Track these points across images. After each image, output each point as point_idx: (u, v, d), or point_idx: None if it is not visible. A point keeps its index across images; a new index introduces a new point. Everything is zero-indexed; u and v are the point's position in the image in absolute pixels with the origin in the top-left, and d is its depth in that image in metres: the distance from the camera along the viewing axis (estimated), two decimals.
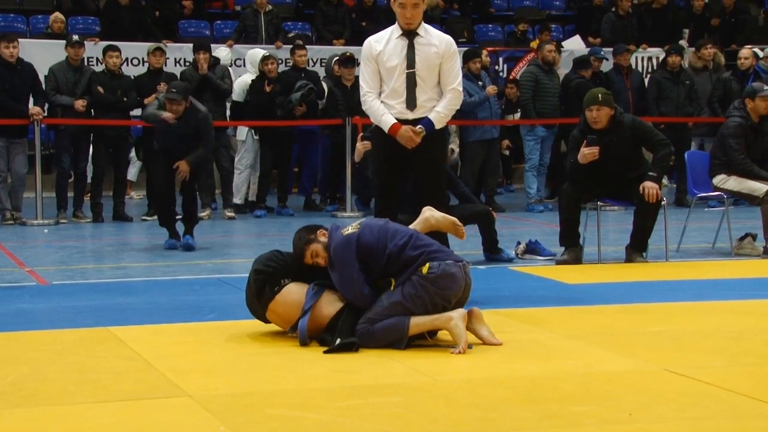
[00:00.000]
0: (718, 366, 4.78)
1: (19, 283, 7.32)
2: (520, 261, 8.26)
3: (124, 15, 13.47)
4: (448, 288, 5.03)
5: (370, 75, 6.21)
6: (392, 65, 6.13)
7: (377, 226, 5.20)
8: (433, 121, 6.17)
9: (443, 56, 6.19)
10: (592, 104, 7.82)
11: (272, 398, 4.22)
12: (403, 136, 6.09)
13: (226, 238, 10.22)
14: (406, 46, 6.14)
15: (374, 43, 6.21)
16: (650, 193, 7.72)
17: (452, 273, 5.03)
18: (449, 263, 5.04)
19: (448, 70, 6.22)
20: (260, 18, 13.77)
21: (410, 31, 6.15)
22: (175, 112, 8.80)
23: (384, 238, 5.11)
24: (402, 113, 6.16)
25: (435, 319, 5.00)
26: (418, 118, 6.17)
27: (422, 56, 6.14)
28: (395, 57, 6.14)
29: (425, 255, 5.05)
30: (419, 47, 6.15)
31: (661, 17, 15.07)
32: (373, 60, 6.18)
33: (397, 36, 6.18)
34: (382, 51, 6.16)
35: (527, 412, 4.04)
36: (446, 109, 6.22)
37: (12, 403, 4.14)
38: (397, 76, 6.14)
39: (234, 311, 5.86)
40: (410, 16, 6.09)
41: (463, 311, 5.02)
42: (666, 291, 6.86)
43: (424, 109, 6.18)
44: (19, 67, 10.65)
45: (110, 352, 5.03)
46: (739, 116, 8.66)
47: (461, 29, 15.47)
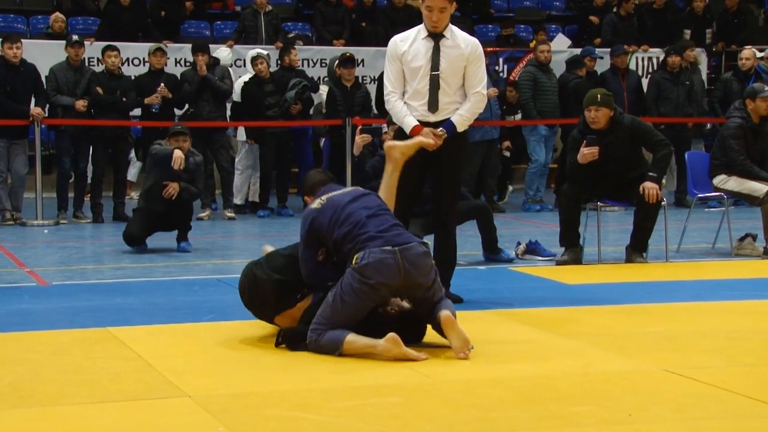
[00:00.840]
0: (717, 366, 4.78)
1: (18, 283, 7.31)
2: (520, 261, 8.26)
3: (125, 15, 13.47)
4: (373, 277, 4.84)
5: (394, 75, 6.14)
6: (416, 66, 6.07)
7: (336, 207, 5.11)
8: (456, 124, 6.10)
9: (468, 59, 6.12)
10: (591, 104, 7.82)
11: (271, 399, 4.22)
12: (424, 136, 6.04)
13: (225, 238, 10.22)
14: (431, 48, 6.07)
15: (399, 43, 6.14)
16: (650, 193, 7.72)
17: (379, 260, 4.85)
18: (375, 251, 4.86)
19: (473, 74, 6.15)
20: (260, 18, 13.77)
21: (436, 33, 6.10)
22: (182, 150, 8.78)
23: (335, 223, 5.05)
24: (424, 115, 6.10)
25: (372, 346, 4.82)
26: (439, 120, 6.11)
27: (447, 59, 6.07)
28: (420, 58, 6.07)
29: (358, 244, 4.94)
30: (445, 50, 6.09)
31: (662, 18, 15.06)
32: (397, 59, 6.12)
33: (423, 37, 6.11)
34: (406, 51, 6.09)
35: (526, 412, 4.03)
36: (469, 112, 6.16)
37: (10, 404, 4.14)
38: (421, 77, 6.07)
39: (233, 312, 5.85)
40: (436, 20, 6.03)
41: (392, 335, 4.78)
42: (666, 291, 6.87)
43: (446, 112, 6.11)
44: (22, 68, 10.66)
45: (109, 352, 5.02)
46: (739, 117, 8.66)
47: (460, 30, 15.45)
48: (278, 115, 11.50)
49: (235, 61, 12.90)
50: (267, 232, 10.58)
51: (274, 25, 13.87)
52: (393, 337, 4.80)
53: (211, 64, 11.51)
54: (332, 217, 5.08)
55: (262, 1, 13.71)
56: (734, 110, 8.83)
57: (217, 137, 11.46)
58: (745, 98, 8.75)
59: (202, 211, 11.17)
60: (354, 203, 5.16)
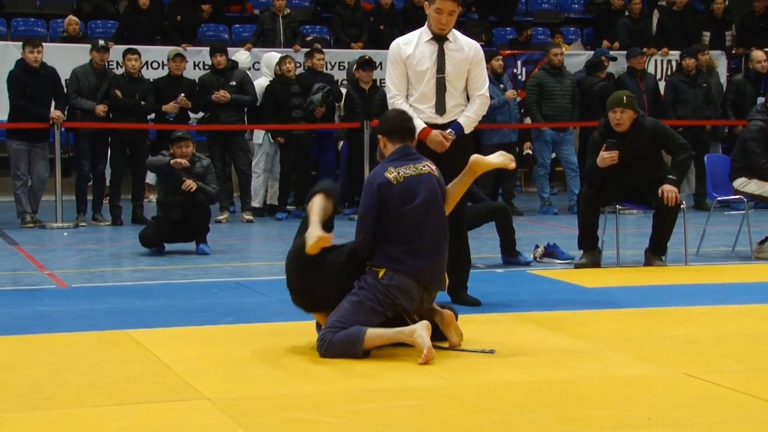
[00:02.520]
0: (737, 370, 4.75)
1: (38, 285, 7.35)
2: (538, 264, 8.24)
3: (143, 19, 13.52)
4: (397, 297, 5.00)
5: (398, 78, 6.17)
6: (422, 69, 6.11)
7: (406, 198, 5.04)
8: (463, 126, 6.16)
9: (472, 62, 6.18)
10: (617, 106, 7.79)
11: (289, 401, 4.23)
12: (434, 140, 6.06)
13: (244, 241, 10.24)
14: (436, 51, 6.11)
15: (403, 46, 6.18)
16: (669, 196, 7.69)
17: (404, 286, 4.99)
18: (404, 279, 4.99)
19: (477, 76, 6.21)
20: (278, 21, 13.79)
21: (441, 36, 6.13)
22: (184, 155, 8.81)
23: (396, 214, 5.03)
24: (431, 118, 6.14)
25: (398, 332, 4.91)
26: (447, 122, 6.15)
27: (452, 62, 6.12)
28: (426, 61, 6.11)
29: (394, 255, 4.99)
30: (449, 52, 6.13)
31: (681, 20, 14.99)
32: (401, 63, 6.15)
33: (426, 40, 6.15)
34: (411, 54, 6.13)
35: (544, 416, 4.02)
36: (475, 114, 6.22)
37: (30, 406, 4.16)
38: (427, 80, 6.11)
39: (251, 314, 5.87)
40: (445, 23, 6.07)
41: (426, 323, 4.94)
42: (685, 295, 6.84)
43: (452, 114, 6.17)
44: (42, 72, 10.71)
45: (128, 354, 5.04)
46: (761, 120, 8.61)
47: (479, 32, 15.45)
48: (301, 118, 11.53)
49: (253, 64, 12.92)
50: (285, 234, 10.59)
51: (293, 28, 13.90)
52: (426, 324, 4.91)
53: (229, 67, 11.53)
54: (396, 208, 5.03)
55: (281, 4, 13.75)
56: (755, 113, 8.78)
57: (235, 140, 11.48)
58: (766, 101, 8.70)
59: (221, 214, 11.20)
60: (425, 211, 5.07)
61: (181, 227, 8.89)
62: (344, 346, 4.89)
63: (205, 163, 9.15)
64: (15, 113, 10.67)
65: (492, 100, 11.69)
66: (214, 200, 9.20)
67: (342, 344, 4.90)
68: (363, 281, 5.03)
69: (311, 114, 11.53)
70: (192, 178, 8.82)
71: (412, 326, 4.91)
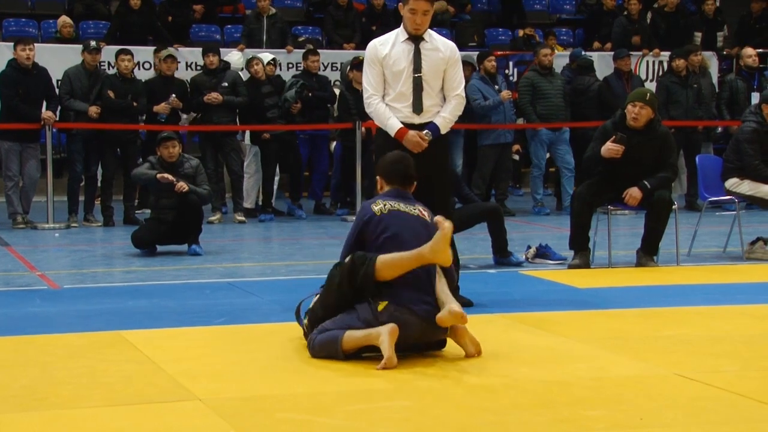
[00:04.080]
0: (730, 370, 4.76)
1: (30, 286, 7.34)
2: (530, 265, 8.25)
3: (135, 19, 13.49)
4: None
5: (375, 78, 6.17)
6: (399, 69, 6.11)
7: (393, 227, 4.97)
8: (439, 126, 6.15)
9: (448, 62, 6.18)
10: (639, 100, 7.79)
11: (282, 402, 4.23)
12: (410, 141, 6.06)
13: (236, 242, 10.23)
14: (412, 51, 6.12)
15: (379, 46, 6.19)
16: (630, 196, 7.73)
17: (403, 321, 4.81)
18: (404, 311, 4.82)
19: (453, 76, 6.21)
20: (263, 22, 13.72)
21: (417, 36, 6.14)
22: (171, 156, 8.79)
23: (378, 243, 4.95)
24: (408, 117, 6.14)
25: (367, 334, 4.82)
26: (423, 122, 6.15)
27: (429, 61, 6.13)
28: (402, 60, 6.11)
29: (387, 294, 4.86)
30: (425, 52, 6.14)
31: (674, 22, 15.03)
32: (378, 63, 6.15)
33: (403, 40, 6.16)
34: (388, 54, 6.13)
35: (538, 416, 4.03)
36: (451, 114, 6.21)
37: (23, 407, 4.15)
38: (404, 80, 6.12)
39: (244, 315, 5.86)
40: (420, 23, 6.08)
41: (392, 326, 4.74)
42: (677, 295, 6.85)
43: (429, 114, 6.16)
44: (35, 72, 10.69)
45: (121, 355, 5.03)
46: (754, 121, 8.62)
47: (471, 33, 15.48)
48: (278, 117, 11.51)
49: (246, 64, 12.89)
50: (278, 235, 10.60)
51: (279, 28, 13.80)
52: (391, 327, 4.75)
53: (221, 67, 11.52)
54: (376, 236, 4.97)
55: (264, 4, 13.64)
56: (749, 114, 8.80)
57: (227, 141, 11.47)
58: (761, 103, 8.71)
59: (213, 215, 11.19)
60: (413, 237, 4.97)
61: (173, 229, 8.88)
62: (326, 349, 4.90)
63: (194, 163, 9.13)
64: (6, 113, 10.65)
65: (486, 100, 11.85)
66: (206, 201, 9.18)
67: (323, 347, 4.91)
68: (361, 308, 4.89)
69: (288, 112, 11.50)
70: (182, 179, 8.81)
71: (378, 329, 4.79)
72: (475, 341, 4.99)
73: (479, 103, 11.83)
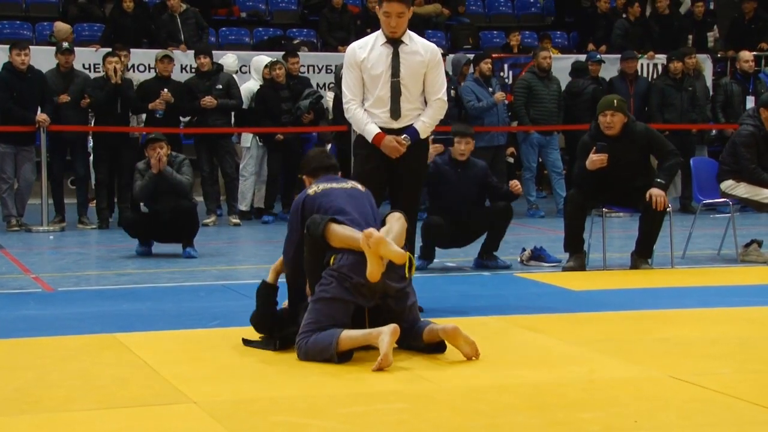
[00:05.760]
0: (724, 373, 4.77)
1: (24, 289, 7.33)
2: (525, 267, 8.25)
3: (128, 23, 13.46)
4: (352, 276, 4.88)
5: (354, 82, 6.09)
6: (377, 73, 6.02)
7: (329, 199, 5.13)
8: (419, 131, 6.08)
9: (428, 65, 6.08)
10: (608, 109, 7.82)
11: (277, 404, 4.22)
12: (387, 146, 5.99)
13: (231, 244, 10.22)
14: (390, 54, 6.03)
15: (358, 50, 6.10)
16: (658, 201, 7.72)
17: (356, 260, 4.88)
18: (360, 260, 4.88)
19: (434, 80, 6.11)
20: (177, 21, 13.53)
21: (395, 39, 6.06)
22: (159, 156, 8.78)
23: (320, 209, 5.09)
24: (387, 122, 6.06)
25: (367, 333, 4.86)
26: (402, 127, 6.08)
27: (407, 65, 6.03)
28: (380, 65, 6.02)
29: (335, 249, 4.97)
30: (404, 56, 6.04)
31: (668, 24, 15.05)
32: (356, 67, 6.07)
33: (382, 43, 6.07)
34: (366, 58, 6.04)
35: (532, 418, 4.03)
36: (431, 119, 6.13)
37: (17, 410, 4.15)
38: (382, 84, 6.03)
39: (239, 318, 5.85)
40: (395, 25, 5.99)
41: (394, 326, 4.81)
42: (671, 298, 6.85)
43: (408, 118, 6.08)
44: (29, 75, 10.69)
45: (115, 358, 5.03)
46: (752, 125, 8.62)
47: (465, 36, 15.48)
48: (289, 122, 11.53)
49: (240, 67, 12.89)
50: (273, 238, 10.58)
51: (192, 23, 13.58)
52: (393, 328, 4.79)
53: (215, 70, 11.51)
54: (320, 208, 5.11)
55: (173, 3, 13.40)
56: (747, 117, 8.80)
57: (222, 143, 11.47)
58: (759, 107, 8.71)
59: (208, 217, 11.19)
60: (349, 203, 5.15)
61: (168, 229, 8.88)
62: (319, 350, 4.88)
63: (179, 159, 9.14)
64: (1, 116, 10.63)
65: (480, 102, 11.86)
66: (183, 188, 9.00)
67: (317, 348, 4.89)
68: (322, 278, 4.99)
69: (299, 119, 11.53)
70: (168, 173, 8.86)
71: (380, 329, 4.83)
72: (469, 341, 4.97)
73: (473, 104, 11.84)
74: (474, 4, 17.20)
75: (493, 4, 17.33)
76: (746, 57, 13.14)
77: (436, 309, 6.09)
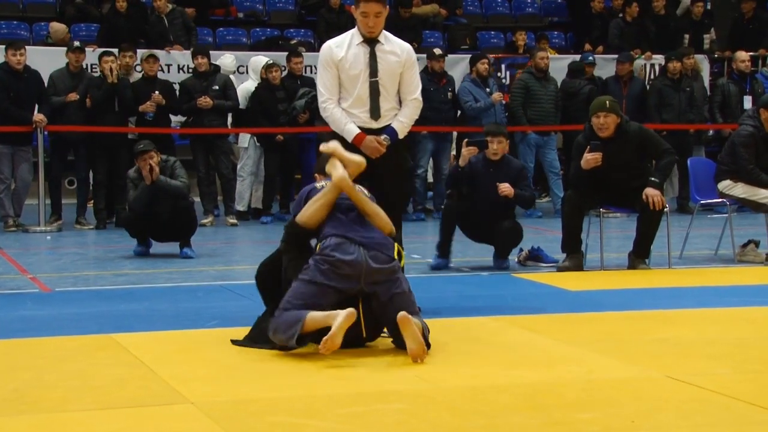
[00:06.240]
0: (721, 373, 4.77)
1: (21, 290, 7.32)
2: (522, 268, 8.25)
3: (122, 23, 13.42)
4: (335, 257, 4.99)
5: (330, 81, 6.04)
6: (355, 73, 5.99)
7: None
8: (397, 131, 6.06)
9: (404, 65, 6.07)
10: (600, 111, 7.82)
11: (275, 405, 4.22)
12: (368, 146, 5.96)
13: (228, 245, 10.22)
14: (368, 54, 6.00)
15: (335, 49, 6.06)
16: (654, 200, 7.72)
17: (340, 243, 5.02)
18: (344, 241, 5.05)
19: (409, 79, 6.10)
20: (164, 21, 13.54)
21: (372, 38, 6.03)
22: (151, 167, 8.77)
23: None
24: (366, 122, 6.03)
25: (328, 315, 4.93)
26: (381, 127, 6.05)
27: (384, 64, 6.01)
28: (358, 64, 5.99)
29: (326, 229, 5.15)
30: (381, 55, 6.02)
31: (664, 24, 15.05)
32: (333, 66, 6.03)
33: (358, 43, 6.04)
34: (344, 57, 6.01)
35: (530, 419, 4.03)
36: (408, 119, 6.11)
37: (14, 410, 4.14)
38: (361, 84, 6.00)
39: (236, 318, 5.86)
40: (372, 25, 5.97)
41: (351, 311, 4.86)
42: (669, 298, 6.86)
43: (386, 118, 6.06)
44: (26, 75, 10.68)
45: (112, 359, 5.02)
46: (751, 125, 8.62)
47: (463, 36, 15.48)
48: (286, 123, 11.53)
49: (238, 68, 12.88)
50: (270, 238, 10.57)
51: (179, 23, 13.57)
52: (350, 312, 4.85)
53: (211, 71, 11.51)
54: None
55: (159, 4, 13.39)
56: (747, 118, 8.80)
57: (218, 144, 11.47)
58: (759, 107, 8.71)
59: (205, 218, 11.18)
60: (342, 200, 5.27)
61: (166, 228, 8.87)
62: (283, 329, 4.96)
63: (170, 162, 9.09)
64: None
65: (478, 103, 11.86)
66: (181, 193, 8.99)
67: (283, 326, 4.97)
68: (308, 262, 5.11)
69: (294, 119, 11.53)
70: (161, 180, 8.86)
71: (338, 311, 4.89)
72: (418, 339, 4.90)
73: (470, 105, 11.84)
74: (471, 5, 17.21)
75: (491, 4, 17.34)
76: (742, 57, 13.17)
77: (434, 309, 6.08)
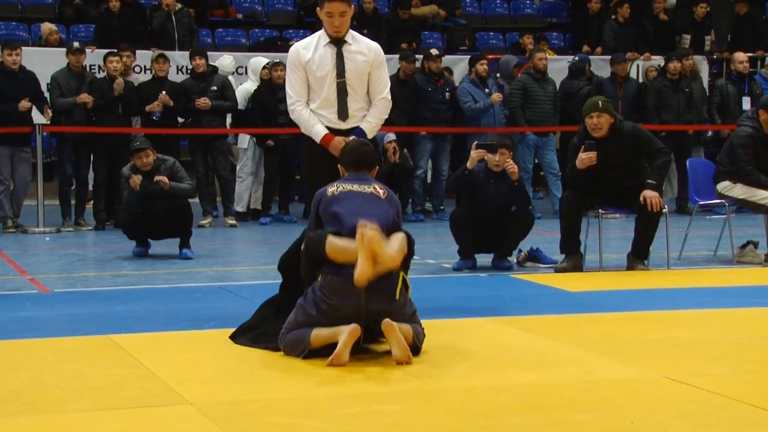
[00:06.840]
0: (720, 374, 4.77)
1: (20, 290, 7.32)
2: (521, 269, 8.25)
3: (115, 23, 13.41)
4: (332, 298, 4.93)
5: (298, 83, 6.03)
6: (322, 74, 5.97)
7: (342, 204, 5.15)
8: (366, 131, 6.03)
9: (372, 64, 6.04)
10: (593, 111, 7.83)
11: (273, 406, 4.22)
12: (336, 147, 5.90)
13: (227, 245, 10.22)
14: (335, 55, 5.97)
15: (302, 50, 6.04)
16: (653, 202, 7.73)
17: (335, 286, 4.93)
18: (344, 274, 4.89)
19: (377, 79, 6.07)
20: (172, 20, 13.55)
21: (338, 39, 6.00)
22: (145, 165, 8.77)
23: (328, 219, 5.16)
24: (334, 123, 6.01)
25: (333, 331, 4.91)
26: (350, 128, 6.03)
27: (352, 65, 5.99)
28: (325, 66, 5.97)
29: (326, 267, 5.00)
30: (348, 55, 5.99)
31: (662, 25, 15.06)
32: (301, 67, 6.01)
33: (325, 44, 6.01)
34: (311, 59, 5.98)
35: (528, 419, 4.03)
36: (377, 119, 6.08)
37: (12, 411, 4.14)
38: (328, 85, 5.98)
39: (235, 319, 5.84)
40: (338, 25, 5.93)
41: (354, 326, 4.82)
42: (668, 299, 6.86)
43: (355, 119, 6.03)
44: (21, 75, 10.68)
45: (111, 360, 5.02)
46: (750, 126, 8.62)
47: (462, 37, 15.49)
48: (286, 123, 11.52)
49: (237, 69, 12.88)
50: (269, 239, 10.59)
51: (183, 23, 13.54)
52: (355, 329, 4.83)
53: (210, 72, 11.51)
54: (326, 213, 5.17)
55: (167, 1, 13.38)
56: (746, 119, 8.80)
57: (217, 145, 11.47)
58: (758, 108, 8.71)
59: (204, 219, 11.18)
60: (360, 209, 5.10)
61: (164, 226, 8.87)
62: (291, 348, 5.05)
63: (169, 163, 9.05)
64: None
65: (477, 103, 11.87)
66: (190, 195, 9.08)
67: (292, 344, 5.05)
68: (307, 292, 5.08)
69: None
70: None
71: (342, 327, 4.88)
72: (401, 345, 4.87)
73: (469, 105, 11.85)
74: (470, 6, 17.23)
75: (490, 5, 17.36)
76: (741, 58, 13.18)
77: (432, 310, 6.08)
